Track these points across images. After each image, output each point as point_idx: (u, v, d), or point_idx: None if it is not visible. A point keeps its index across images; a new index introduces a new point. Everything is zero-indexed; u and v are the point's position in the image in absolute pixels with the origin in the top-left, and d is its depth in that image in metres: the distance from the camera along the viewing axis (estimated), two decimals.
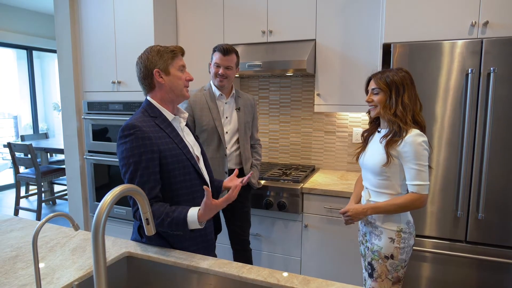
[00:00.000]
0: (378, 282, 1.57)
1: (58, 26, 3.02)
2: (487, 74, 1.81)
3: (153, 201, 1.31)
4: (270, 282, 1.13)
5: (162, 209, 1.28)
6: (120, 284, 1.33)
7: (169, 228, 1.29)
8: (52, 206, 5.07)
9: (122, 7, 2.78)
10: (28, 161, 4.35)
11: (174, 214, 1.27)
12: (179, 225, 1.27)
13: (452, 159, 1.93)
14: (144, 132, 1.30)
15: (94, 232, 0.74)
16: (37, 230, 0.84)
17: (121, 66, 2.85)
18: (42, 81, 6.65)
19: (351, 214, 1.59)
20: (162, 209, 1.28)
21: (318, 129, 2.92)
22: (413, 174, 1.48)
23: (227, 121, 2.17)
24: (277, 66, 2.46)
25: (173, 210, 1.29)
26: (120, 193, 0.79)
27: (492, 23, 1.83)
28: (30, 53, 6.19)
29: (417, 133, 1.48)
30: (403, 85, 1.52)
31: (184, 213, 1.27)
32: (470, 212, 1.92)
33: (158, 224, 1.28)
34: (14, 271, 1.19)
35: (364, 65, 2.42)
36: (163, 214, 1.27)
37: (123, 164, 1.30)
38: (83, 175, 3.15)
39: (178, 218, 1.27)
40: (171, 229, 1.30)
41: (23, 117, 6.47)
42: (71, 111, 3.08)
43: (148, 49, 1.39)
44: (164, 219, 1.27)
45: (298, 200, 2.35)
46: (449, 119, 1.92)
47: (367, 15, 2.38)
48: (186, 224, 1.27)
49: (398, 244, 1.53)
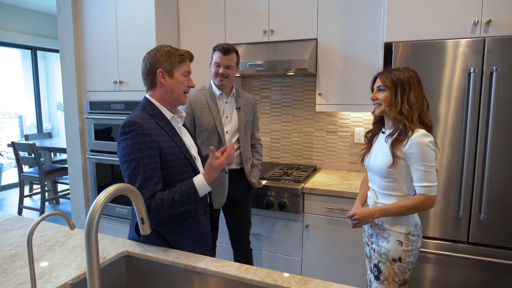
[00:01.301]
0: (384, 285, 1.55)
1: (60, 26, 3.03)
2: (489, 73, 1.79)
3: (155, 194, 1.32)
4: (268, 282, 1.13)
5: (166, 192, 1.32)
6: (119, 283, 1.33)
7: (181, 203, 1.32)
8: (56, 205, 5.10)
9: (124, 7, 2.78)
10: (32, 160, 4.37)
11: (181, 188, 1.33)
12: (190, 195, 1.33)
13: (455, 159, 1.91)
14: (145, 128, 1.30)
15: (87, 231, 0.73)
16: (32, 228, 0.84)
17: (123, 65, 2.86)
18: (47, 81, 6.69)
19: (358, 217, 1.57)
20: (166, 192, 1.32)
21: (319, 129, 2.91)
22: (421, 175, 1.46)
23: (227, 121, 2.16)
24: (278, 65, 2.45)
25: (177, 186, 1.34)
26: (114, 192, 0.79)
27: (495, 22, 1.81)
28: (34, 53, 6.23)
29: (423, 133, 1.45)
30: (409, 84, 1.49)
31: (189, 182, 1.34)
32: (472, 213, 1.90)
33: (170, 206, 1.31)
34: (13, 269, 1.20)
35: (366, 64, 2.40)
36: (170, 194, 1.31)
37: (125, 160, 1.31)
38: (85, 175, 3.17)
39: (186, 189, 1.33)
40: (182, 204, 1.33)
41: (27, 116, 6.52)
42: (73, 110, 3.10)
43: (159, 47, 1.40)
44: (174, 198, 1.31)
45: (299, 200, 2.34)
46: (452, 119, 1.90)
47: (368, 14, 2.37)
48: (196, 191, 1.33)
49: (406, 247, 1.51)
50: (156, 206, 1.30)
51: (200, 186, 1.35)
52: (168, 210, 1.31)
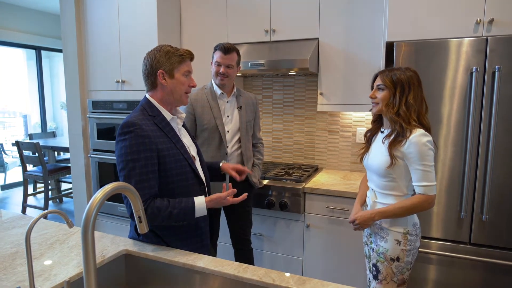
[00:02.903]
0: (383, 284, 1.55)
1: (64, 26, 3.05)
2: (492, 73, 1.78)
3: (152, 198, 1.31)
4: (266, 281, 1.13)
5: (166, 202, 1.32)
6: (118, 281, 1.33)
7: (177, 219, 1.33)
8: (59, 203, 5.13)
9: (126, 6, 2.80)
10: (36, 159, 4.40)
11: (182, 205, 1.34)
12: (187, 214, 1.34)
13: (457, 159, 1.90)
14: (143, 130, 1.30)
15: (84, 229, 0.74)
16: (30, 226, 0.85)
17: (125, 65, 2.87)
18: (51, 81, 6.74)
19: (359, 222, 1.57)
20: (167, 202, 1.32)
21: (321, 128, 2.91)
22: (419, 175, 1.45)
23: (228, 120, 2.16)
24: (280, 65, 2.45)
25: (178, 201, 1.35)
26: (111, 191, 0.79)
27: (497, 21, 1.80)
28: (39, 53, 6.27)
29: (422, 133, 1.45)
30: (409, 85, 1.48)
31: (190, 202, 1.36)
32: (474, 214, 1.89)
33: (165, 218, 1.31)
34: (13, 267, 1.20)
35: (367, 64, 2.39)
36: (169, 208, 1.31)
37: (121, 161, 1.30)
38: (88, 173, 3.18)
39: (186, 207, 1.34)
40: (177, 220, 1.34)
41: (32, 116, 6.57)
42: (76, 110, 3.11)
43: (158, 47, 1.39)
44: (171, 212, 1.31)
45: (300, 200, 2.34)
46: (454, 119, 1.88)
47: (370, 14, 2.36)
48: (194, 211, 1.35)
49: (404, 247, 1.51)
50: (152, 214, 1.29)
51: (199, 209, 1.37)
52: (162, 220, 1.32)
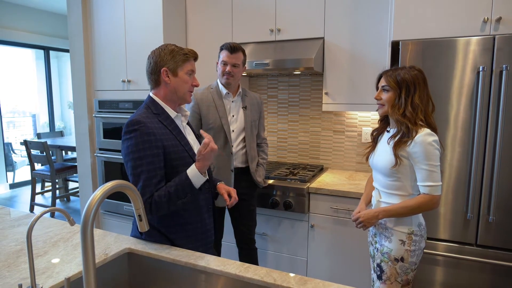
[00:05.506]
0: (387, 285, 1.53)
1: (70, 27, 3.08)
2: (499, 72, 1.75)
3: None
4: (267, 281, 1.12)
5: (163, 188, 1.32)
6: (121, 279, 1.34)
7: (177, 196, 1.31)
8: (66, 202, 5.18)
9: (132, 7, 2.81)
10: (44, 159, 4.45)
11: (176, 181, 1.32)
12: (185, 186, 1.32)
13: (463, 160, 1.87)
14: (148, 128, 1.31)
15: (83, 226, 0.74)
16: (31, 224, 0.85)
17: (131, 65, 2.89)
18: (59, 80, 6.81)
19: (363, 220, 1.55)
20: (163, 188, 1.32)
21: (327, 128, 2.89)
22: (424, 174, 1.44)
23: (234, 120, 2.16)
24: (285, 64, 2.44)
25: (172, 181, 1.34)
26: (110, 189, 0.80)
27: (505, 19, 1.77)
28: (47, 53, 6.34)
29: (427, 132, 1.43)
30: (414, 85, 1.46)
31: (183, 174, 1.33)
32: (481, 215, 1.86)
33: (167, 201, 1.31)
34: (17, 264, 1.22)
35: (373, 63, 2.37)
36: (166, 189, 1.31)
37: (128, 160, 1.32)
38: (94, 173, 3.21)
39: (181, 180, 1.32)
40: (179, 197, 1.32)
41: (41, 115, 6.64)
42: (83, 109, 3.14)
43: (163, 46, 1.41)
44: (169, 191, 1.31)
45: (305, 200, 2.33)
46: (461, 119, 1.86)
47: (375, 13, 2.34)
48: (190, 181, 1.32)
49: (408, 247, 1.49)
50: (155, 203, 1.31)
51: (194, 176, 1.32)
52: (167, 205, 1.32)
